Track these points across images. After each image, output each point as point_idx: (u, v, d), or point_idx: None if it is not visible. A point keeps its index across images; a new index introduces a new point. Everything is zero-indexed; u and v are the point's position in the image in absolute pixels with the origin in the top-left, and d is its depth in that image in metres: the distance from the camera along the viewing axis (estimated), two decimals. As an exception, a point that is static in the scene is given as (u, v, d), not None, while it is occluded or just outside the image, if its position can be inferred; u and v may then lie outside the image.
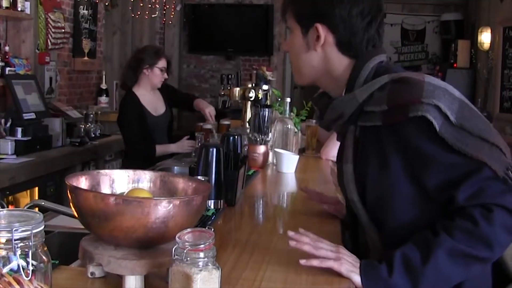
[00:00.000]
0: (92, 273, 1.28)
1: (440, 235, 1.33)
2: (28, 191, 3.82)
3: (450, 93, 1.39)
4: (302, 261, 1.39)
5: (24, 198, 3.80)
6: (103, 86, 6.14)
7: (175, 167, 3.16)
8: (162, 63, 3.97)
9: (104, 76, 6.19)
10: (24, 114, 4.05)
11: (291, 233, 1.45)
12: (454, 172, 1.35)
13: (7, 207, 2.96)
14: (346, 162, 1.53)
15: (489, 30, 6.99)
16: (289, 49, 1.64)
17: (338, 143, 3.23)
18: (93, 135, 4.86)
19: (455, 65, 7.56)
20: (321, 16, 1.52)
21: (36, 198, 3.82)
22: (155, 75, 3.95)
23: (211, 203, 1.98)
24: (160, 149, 3.91)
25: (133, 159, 3.93)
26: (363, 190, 1.49)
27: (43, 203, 1.74)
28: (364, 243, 1.58)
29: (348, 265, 1.38)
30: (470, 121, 1.37)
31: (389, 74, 1.46)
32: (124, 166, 4.13)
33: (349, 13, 1.50)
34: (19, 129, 3.99)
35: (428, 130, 1.35)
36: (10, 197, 3.62)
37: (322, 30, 1.52)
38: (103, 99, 6.09)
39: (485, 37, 7.04)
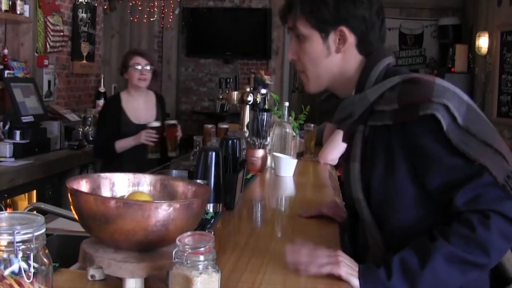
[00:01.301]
0: (92, 276, 1.28)
1: (438, 241, 1.34)
2: (26, 194, 3.83)
3: (459, 96, 1.41)
4: (302, 272, 1.41)
5: (22, 201, 3.81)
6: (102, 89, 6.15)
7: (174, 171, 3.17)
8: (133, 60, 3.82)
9: (102, 80, 6.20)
10: (22, 117, 4.06)
11: (288, 249, 1.46)
12: (455, 175, 1.37)
13: (5, 210, 2.97)
14: (354, 161, 1.54)
15: (486, 35, 7.02)
16: (300, 58, 1.60)
17: (336, 147, 3.30)
18: (91, 138, 4.86)
19: (452, 69, 7.58)
20: (344, 19, 1.53)
21: (34, 201, 3.82)
22: (130, 74, 3.82)
23: (210, 207, 1.99)
24: (120, 144, 3.74)
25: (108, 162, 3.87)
26: (369, 190, 1.51)
27: (42, 206, 1.74)
28: (364, 243, 1.59)
29: (347, 268, 1.39)
30: (476, 125, 1.38)
31: (400, 75, 1.49)
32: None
33: (370, 12, 1.53)
34: (18, 132, 4.00)
35: (436, 130, 1.37)
36: (8, 200, 3.62)
37: (347, 32, 1.53)
38: (102, 102, 6.09)
39: (483, 42, 7.06)
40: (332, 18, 1.53)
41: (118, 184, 1.39)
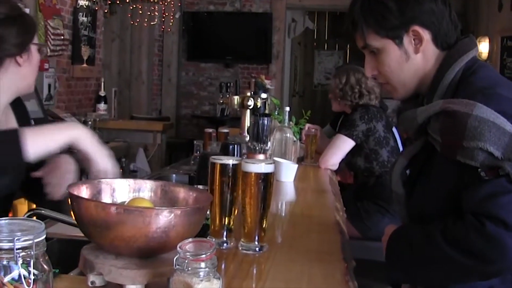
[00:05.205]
0: (92, 282, 1.27)
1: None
2: (26, 197, 3.81)
3: (498, 127, 1.31)
4: None
5: (22, 204, 3.79)
6: (102, 93, 6.15)
7: (174, 175, 3.17)
8: None
9: (102, 83, 6.19)
10: (22, 121, 4.04)
11: None
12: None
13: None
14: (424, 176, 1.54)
15: (487, 40, 7.02)
16: (380, 71, 1.58)
17: (337, 152, 3.29)
18: (92, 142, 4.85)
19: (453, 74, 7.58)
20: (413, 18, 1.50)
21: (34, 205, 3.80)
22: None
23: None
24: None
25: None
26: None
27: (43, 212, 1.74)
28: None
29: None
30: None
31: (444, 100, 1.43)
32: None
33: (436, 2, 1.50)
34: (18, 136, 3.98)
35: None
36: (8, 204, 3.60)
37: (420, 30, 1.50)
38: (102, 106, 6.09)
39: (483, 47, 7.06)
40: (400, 22, 1.50)
41: (118, 190, 1.39)
